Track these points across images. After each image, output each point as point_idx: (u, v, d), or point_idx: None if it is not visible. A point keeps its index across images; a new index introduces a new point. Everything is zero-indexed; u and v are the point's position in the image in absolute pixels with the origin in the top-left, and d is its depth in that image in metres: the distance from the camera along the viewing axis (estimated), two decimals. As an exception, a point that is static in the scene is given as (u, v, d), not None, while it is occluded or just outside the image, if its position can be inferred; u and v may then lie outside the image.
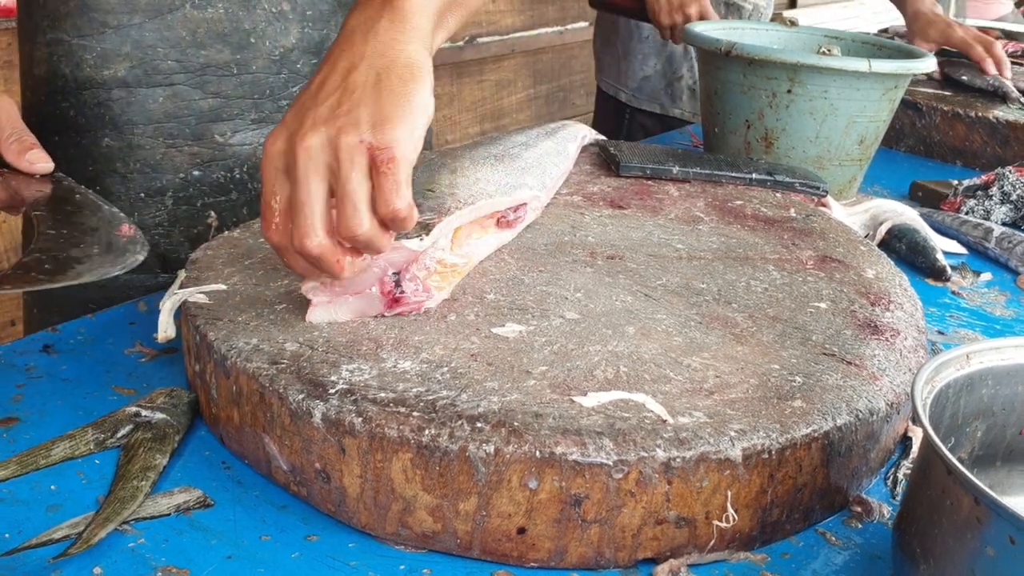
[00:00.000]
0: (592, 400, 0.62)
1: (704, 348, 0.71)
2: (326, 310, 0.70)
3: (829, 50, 1.28)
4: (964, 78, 1.81)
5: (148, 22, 0.90)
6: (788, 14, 1.63)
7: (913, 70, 1.26)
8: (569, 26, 3.08)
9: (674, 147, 1.29)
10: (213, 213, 0.96)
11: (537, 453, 0.57)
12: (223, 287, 0.74)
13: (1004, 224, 1.27)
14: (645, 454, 0.57)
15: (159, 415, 0.69)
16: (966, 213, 1.31)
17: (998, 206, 1.30)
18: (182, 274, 0.76)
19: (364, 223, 0.61)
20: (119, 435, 0.68)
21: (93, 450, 0.67)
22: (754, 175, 1.11)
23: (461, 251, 0.77)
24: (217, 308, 0.71)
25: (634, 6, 1.89)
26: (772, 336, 0.74)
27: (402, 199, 0.61)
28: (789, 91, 1.27)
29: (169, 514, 0.61)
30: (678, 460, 0.58)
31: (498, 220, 0.82)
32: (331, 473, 0.60)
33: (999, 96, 1.74)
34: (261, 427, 0.63)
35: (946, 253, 1.16)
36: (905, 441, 0.76)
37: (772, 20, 2.02)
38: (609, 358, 0.68)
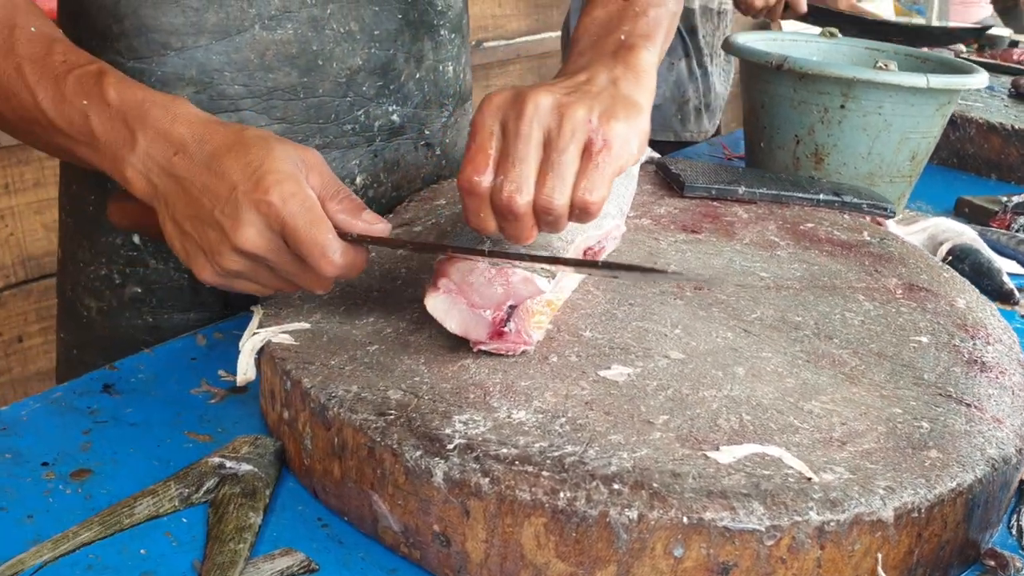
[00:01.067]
0: (727, 456, 0.58)
1: (820, 391, 0.67)
2: (444, 302, 0.66)
3: (886, 65, 1.25)
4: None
5: (215, 44, 0.83)
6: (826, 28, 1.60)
7: (969, 85, 1.23)
8: (572, 30, 3.04)
9: (731, 166, 1.25)
10: None
11: (684, 519, 0.52)
12: (307, 326, 0.69)
13: (1056, 242, 1.24)
14: (799, 518, 0.53)
15: (245, 467, 0.64)
16: (1016, 230, 1.28)
17: (1050, 223, 1.28)
18: (259, 311, 0.71)
19: (564, 197, 0.61)
20: (204, 489, 0.63)
21: (178, 507, 0.62)
22: (821, 196, 1.07)
23: (557, 286, 0.73)
24: (305, 350, 0.66)
25: None
26: (883, 375, 0.71)
27: (600, 193, 0.62)
28: (842, 106, 1.23)
29: (273, 581, 0.56)
30: (832, 524, 0.54)
31: (585, 252, 0.78)
32: (452, 537, 0.56)
33: None
34: (369, 484, 0.59)
35: (1009, 275, 1.13)
36: (1021, 487, 0.73)
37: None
38: (728, 404, 0.64)
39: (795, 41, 1.48)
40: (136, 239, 0.89)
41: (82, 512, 0.61)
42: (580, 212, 0.62)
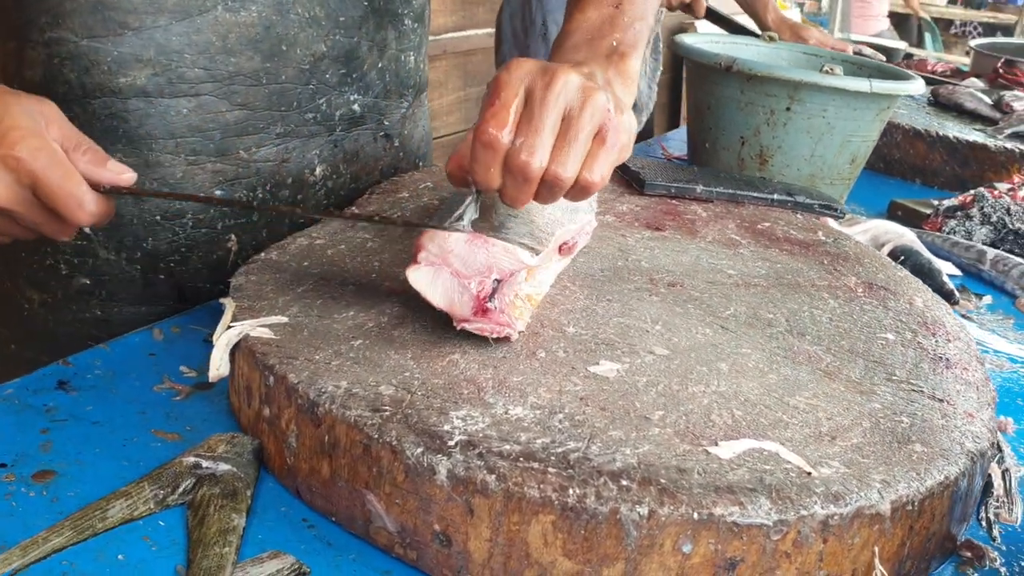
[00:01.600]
0: (727, 451, 0.58)
1: (801, 386, 0.68)
2: (427, 273, 0.66)
3: (832, 69, 1.28)
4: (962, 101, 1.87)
5: (175, 24, 0.79)
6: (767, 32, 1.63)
7: (908, 91, 1.27)
8: (499, 28, 3.03)
9: (684, 166, 1.26)
10: (233, 236, 0.87)
11: (695, 515, 0.52)
12: (284, 319, 0.66)
13: (984, 244, 1.29)
14: (804, 512, 0.53)
15: (223, 466, 0.61)
16: (948, 233, 1.33)
17: (979, 227, 1.32)
18: (231, 304, 0.68)
19: (574, 171, 0.64)
20: (180, 490, 0.60)
21: (154, 509, 0.59)
22: (775, 196, 1.09)
23: (534, 280, 0.72)
24: (287, 345, 0.64)
25: None
26: (858, 372, 0.72)
27: (602, 175, 0.66)
28: (788, 108, 1.26)
29: (264, 586, 0.54)
30: (836, 518, 0.54)
31: (561, 247, 0.77)
32: (453, 536, 0.54)
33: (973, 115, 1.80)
34: (363, 483, 0.56)
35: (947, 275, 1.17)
36: (986, 479, 0.75)
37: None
38: (718, 400, 0.64)
39: (736, 44, 1.50)
40: (87, 228, 0.84)
41: (49, 516, 0.57)
42: (580, 189, 0.66)
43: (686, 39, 1.37)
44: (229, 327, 0.65)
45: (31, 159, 0.63)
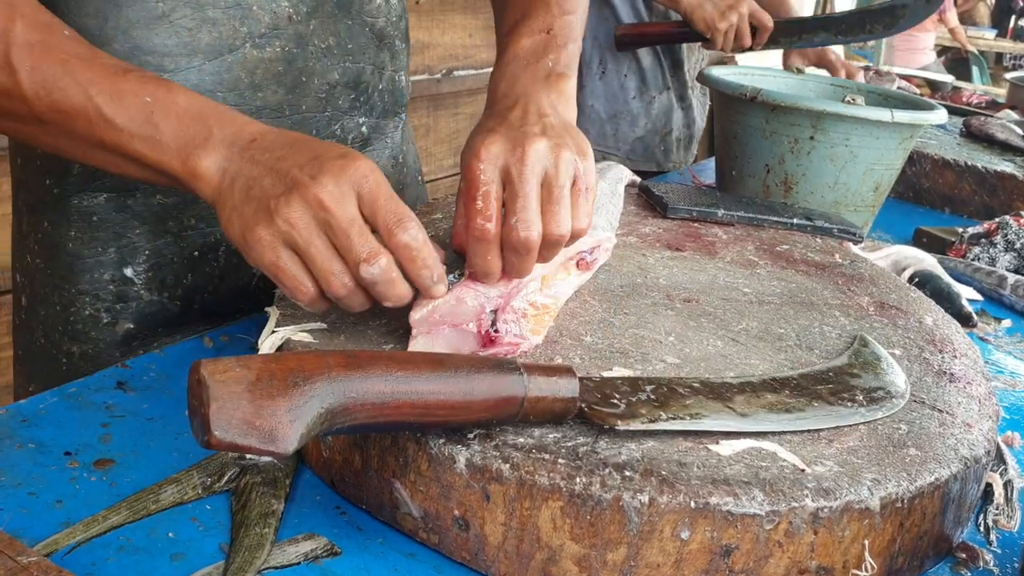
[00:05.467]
0: (727, 449, 0.62)
1: (805, 394, 0.72)
2: (426, 340, 0.70)
3: (853, 99, 1.32)
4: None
5: (207, 64, 0.83)
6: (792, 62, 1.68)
7: (930, 120, 1.31)
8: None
9: (709, 191, 1.30)
10: None
11: (692, 503, 0.57)
12: (323, 325, 0.72)
13: (1008, 271, 1.32)
14: (796, 504, 0.58)
15: (265, 458, 0.67)
16: (972, 260, 1.35)
17: (1002, 254, 1.35)
18: (275, 312, 0.74)
19: (567, 226, 0.69)
20: (226, 478, 0.66)
21: (201, 494, 0.65)
22: (794, 220, 1.13)
23: (550, 292, 0.77)
24: (325, 347, 0.69)
25: (669, 31, 1.91)
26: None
27: (587, 219, 0.71)
28: (811, 137, 1.30)
29: (299, 563, 0.59)
30: (825, 510, 0.58)
31: (578, 262, 0.82)
32: (471, 521, 0.59)
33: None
34: (391, 472, 0.62)
35: (967, 300, 1.20)
36: (987, 488, 0.78)
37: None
38: (723, 404, 0.68)
39: (765, 75, 1.55)
40: (128, 271, 0.87)
41: (108, 498, 0.63)
42: (574, 237, 0.72)
43: (714, 71, 1.42)
44: (273, 332, 0.71)
45: (369, 171, 0.65)
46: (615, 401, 0.63)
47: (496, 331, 0.71)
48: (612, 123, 2.07)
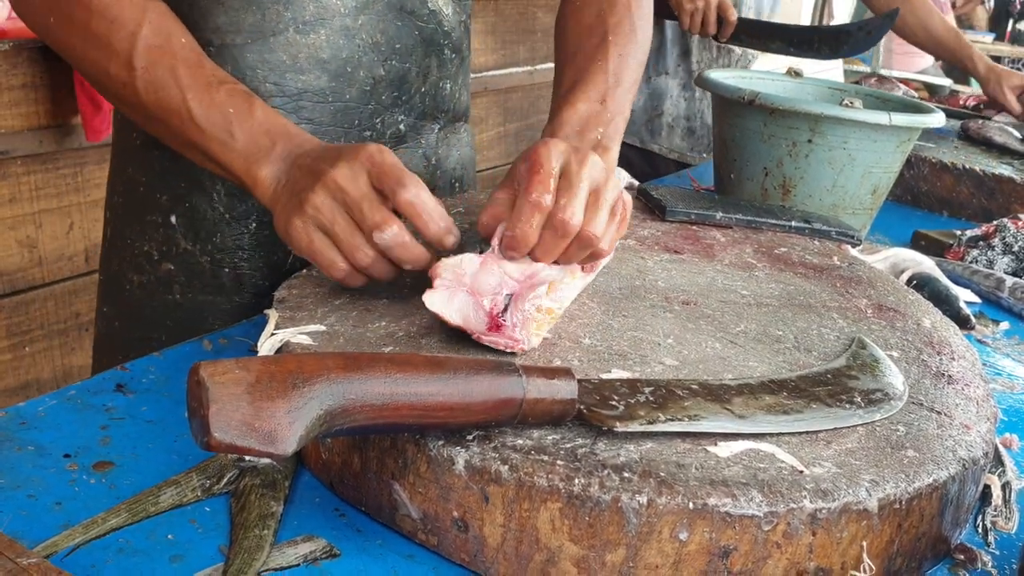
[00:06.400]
0: (725, 450, 0.62)
1: (803, 396, 0.72)
2: (443, 295, 0.71)
3: (851, 103, 1.32)
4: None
5: (250, 43, 0.90)
6: (793, 66, 1.68)
7: (927, 124, 1.31)
8: (538, 66, 3.12)
9: (708, 194, 1.31)
10: None
11: (690, 504, 0.57)
12: (323, 328, 0.72)
13: (1006, 273, 1.32)
14: (794, 505, 0.58)
15: (264, 460, 0.67)
16: (970, 262, 1.36)
17: (1000, 257, 1.35)
18: (274, 314, 0.74)
19: (602, 231, 0.74)
20: (225, 481, 0.66)
21: (200, 496, 0.65)
22: (792, 223, 1.13)
23: (555, 295, 0.77)
24: (323, 350, 0.70)
25: (656, 2, 2.01)
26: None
27: (612, 244, 0.78)
28: (809, 141, 1.30)
29: (298, 564, 0.59)
30: (823, 512, 0.58)
31: (582, 265, 0.83)
32: (470, 522, 0.59)
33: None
34: (390, 474, 0.62)
35: (965, 302, 1.20)
36: (985, 490, 0.78)
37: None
38: (722, 406, 0.68)
39: (763, 79, 1.55)
40: (173, 218, 0.97)
41: (108, 500, 0.63)
42: (597, 255, 0.77)
43: (712, 74, 1.43)
44: (272, 334, 0.72)
45: (379, 154, 0.74)
46: (614, 403, 0.63)
47: (504, 320, 0.71)
48: None
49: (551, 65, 3.07)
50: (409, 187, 0.73)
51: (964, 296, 1.24)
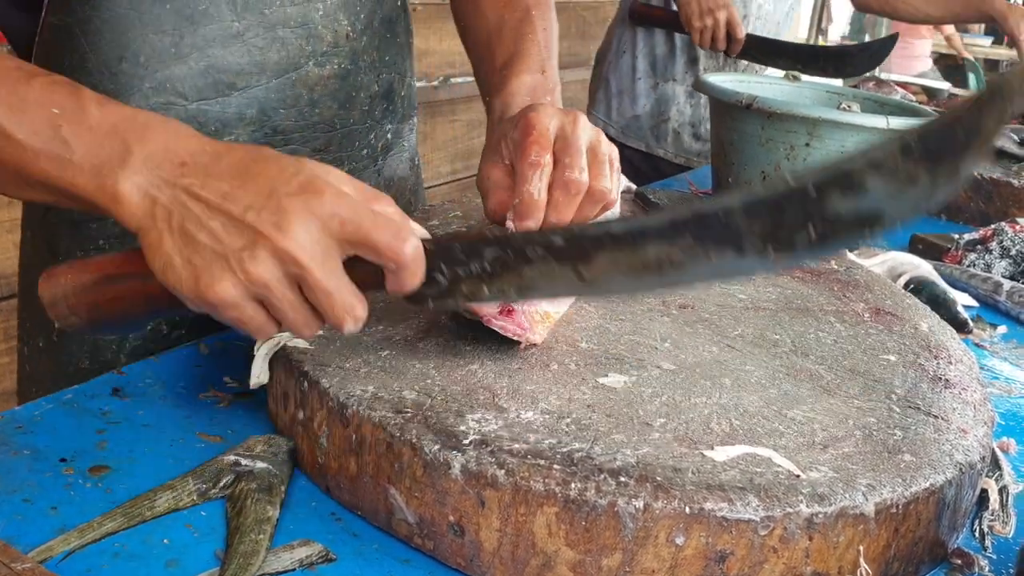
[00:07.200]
0: (722, 455, 0.62)
1: (800, 401, 0.72)
2: None
3: (849, 107, 1.32)
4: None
5: (274, 81, 0.87)
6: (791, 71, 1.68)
7: (925, 128, 1.31)
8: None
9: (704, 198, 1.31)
10: None
11: (687, 509, 0.57)
12: (320, 332, 0.72)
13: (1004, 277, 1.32)
14: (790, 510, 0.58)
15: (260, 464, 0.67)
16: (968, 266, 1.36)
17: (998, 260, 1.35)
18: (271, 317, 0.74)
19: (609, 184, 0.75)
20: (221, 485, 0.66)
21: (196, 501, 0.65)
22: (790, 226, 1.13)
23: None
24: (320, 354, 0.70)
25: (669, 17, 2.09)
26: (857, 389, 0.76)
27: (617, 195, 0.77)
28: (807, 144, 1.30)
29: (294, 569, 0.59)
30: (820, 516, 0.58)
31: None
32: (466, 526, 0.59)
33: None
34: (386, 478, 0.62)
35: (963, 306, 1.20)
36: (982, 494, 0.78)
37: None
38: (718, 410, 0.68)
39: (761, 83, 1.55)
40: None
41: (103, 505, 0.63)
42: (607, 206, 0.77)
43: (710, 78, 1.43)
44: (269, 338, 0.71)
45: (340, 204, 0.56)
46: (439, 276, 0.58)
47: (512, 308, 0.71)
48: (617, 98, 2.22)
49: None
50: (409, 256, 0.58)
51: (962, 300, 1.24)
